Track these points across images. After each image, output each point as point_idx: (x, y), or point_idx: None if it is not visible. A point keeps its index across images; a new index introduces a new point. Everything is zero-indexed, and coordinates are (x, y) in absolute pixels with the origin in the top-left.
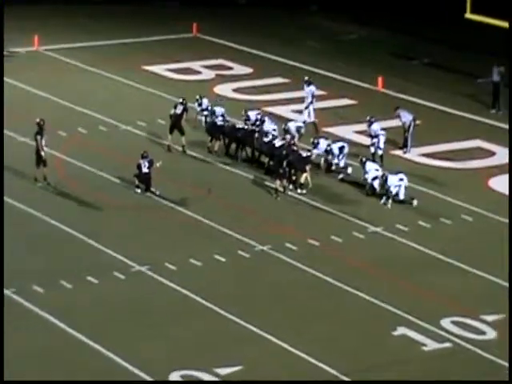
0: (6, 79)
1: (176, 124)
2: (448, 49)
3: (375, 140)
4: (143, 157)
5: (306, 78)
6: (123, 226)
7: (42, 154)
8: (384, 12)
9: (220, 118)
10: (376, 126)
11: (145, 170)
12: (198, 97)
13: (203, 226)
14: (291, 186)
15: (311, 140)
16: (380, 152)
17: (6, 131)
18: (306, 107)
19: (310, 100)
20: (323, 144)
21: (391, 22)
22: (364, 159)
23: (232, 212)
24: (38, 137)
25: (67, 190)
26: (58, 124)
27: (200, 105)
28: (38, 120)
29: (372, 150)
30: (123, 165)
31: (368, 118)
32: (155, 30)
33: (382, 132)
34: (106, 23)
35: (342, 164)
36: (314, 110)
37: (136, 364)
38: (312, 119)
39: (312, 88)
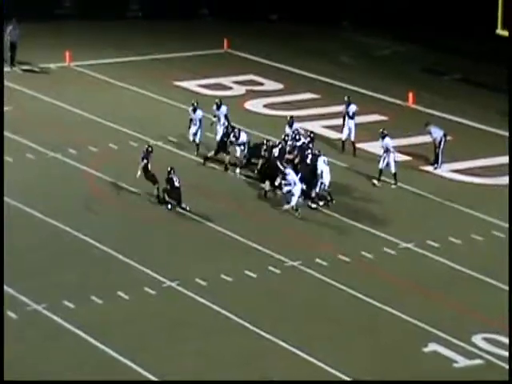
0: (37, 95)
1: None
2: (480, 64)
3: (385, 154)
4: (173, 172)
5: (346, 97)
6: (154, 241)
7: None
8: (416, 27)
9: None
10: (388, 140)
11: (176, 184)
12: (236, 130)
13: (233, 242)
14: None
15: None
16: (393, 169)
17: (36, 146)
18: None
19: (350, 119)
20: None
21: (423, 37)
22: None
23: (263, 227)
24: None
25: (98, 206)
26: (89, 139)
27: (236, 138)
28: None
29: (380, 164)
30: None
31: (381, 130)
32: (186, 45)
33: (393, 148)
34: (137, 39)
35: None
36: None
37: (168, 379)
38: (352, 138)
39: (353, 107)
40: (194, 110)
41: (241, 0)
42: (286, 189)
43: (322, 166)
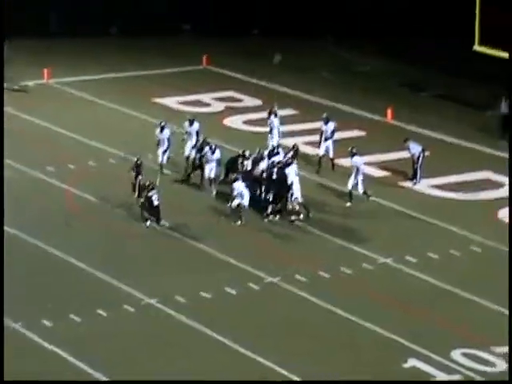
0: (15, 112)
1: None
2: (457, 80)
3: (354, 174)
4: (152, 189)
5: (325, 114)
6: (133, 258)
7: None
8: (396, 43)
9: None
10: (357, 159)
11: (155, 202)
12: (213, 145)
13: (213, 258)
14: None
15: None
16: (361, 190)
17: (14, 163)
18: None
19: (328, 136)
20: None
21: (402, 52)
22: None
23: (242, 244)
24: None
25: (77, 223)
26: (68, 157)
27: (213, 152)
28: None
29: (349, 184)
30: (133, 198)
31: (350, 148)
32: (165, 62)
33: (363, 166)
34: (116, 55)
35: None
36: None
37: None
38: (331, 155)
39: (331, 125)
40: (162, 130)
41: (221, 15)
42: (235, 203)
43: (293, 176)
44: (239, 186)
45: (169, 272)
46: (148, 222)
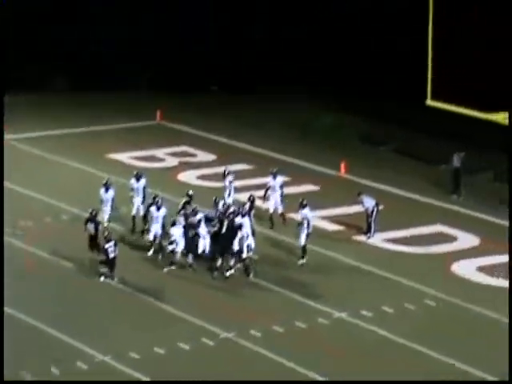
0: None
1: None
2: (410, 134)
3: (302, 227)
4: (108, 241)
5: (273, 169)
6: (86, 315)
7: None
8: (349, 97)
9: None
10: (306, 211)
11: (111, 254)
12: (159, 200)
13: (167, 313)
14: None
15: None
16: (302, 242)
17: None
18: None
19: (277, 191)
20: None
21: (356, 107)
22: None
23: (197, 298)
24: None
25: (32, 281)
26: (22, 214)
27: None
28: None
29: (301, 240)
30: (87, 253)
31: (300, 200)
32: (119, 117)
33: (311, 218)
34: (70, 111)
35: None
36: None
37: None
38: (280, 210)
39: (280, 179)
40: (107, 190)
41: (174, 71)
42: (169, 248)
43: (248, 229)
44: (176, 232)
45: (122, 328)
46: (102, 277)
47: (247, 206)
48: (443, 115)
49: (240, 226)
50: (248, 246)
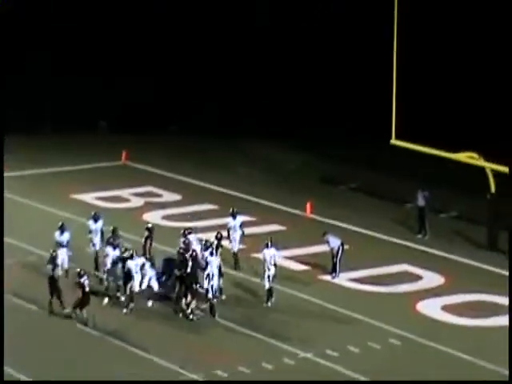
0: None
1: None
2: (376, 174)
3: (268, 267)
4: (83, 275)
5: (233, 210)
6: (51, 359)
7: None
8: (313, 137)
9: None
10: (273, 251)
11: (87, 288)
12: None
13: (132, 354)
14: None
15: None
16: (267, 285)
17: None
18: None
19: (237, 231)
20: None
21: (320, 147)
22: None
23: (163, 339)
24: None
25: None
26: None
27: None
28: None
29: (266, 283)
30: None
31: (267, 240)
32: (84, 158)
33: (277, 258)
34: (34, 152)
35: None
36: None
37: None
38: (235, 249)
39: (239, 219)
40: (62, 232)
41: (139, 112)
42: (129, 285)
43: (215, 268)
44: (131, 266)
45: (86, 371)
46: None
47: (214, 245)
48: (408, 154)
49: (206, 265)
50: (212, 286)
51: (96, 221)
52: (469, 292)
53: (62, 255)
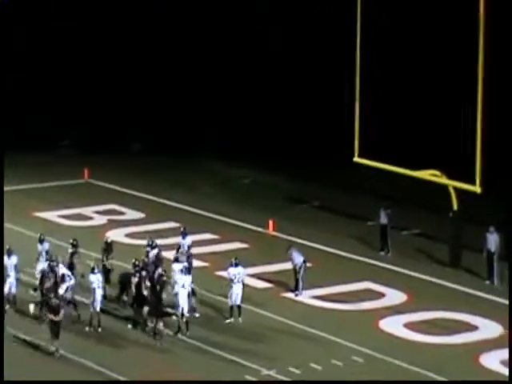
0: None
1: None
2: (338, 192)
3: (233, 286)
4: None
5: (182, 228)
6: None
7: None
8: (275, 156)
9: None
10: (239, 269)
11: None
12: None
13: (104, 376)
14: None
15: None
16: (238, 301)
17: None
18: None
19: (185, 250)
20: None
21: (282, 166)
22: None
23: (125, 358)
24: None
25: None
26: None
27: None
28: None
29: (230, 301)
30: (19, 320)
31: (232, 258)
32: (46, 176)
33: (242, 276)
34: None
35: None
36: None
37: None
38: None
39: (189, 239)
40: (9, 255)
41: (101, 130)
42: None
43: (179, 288)
44: (93, 280)
45: None
46: (54, 348)
47: (185, 263)
48: (370, 172)
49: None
50: (180, 305)
51: (41, 243)
52: (431, 309)
53: (10, 279)
